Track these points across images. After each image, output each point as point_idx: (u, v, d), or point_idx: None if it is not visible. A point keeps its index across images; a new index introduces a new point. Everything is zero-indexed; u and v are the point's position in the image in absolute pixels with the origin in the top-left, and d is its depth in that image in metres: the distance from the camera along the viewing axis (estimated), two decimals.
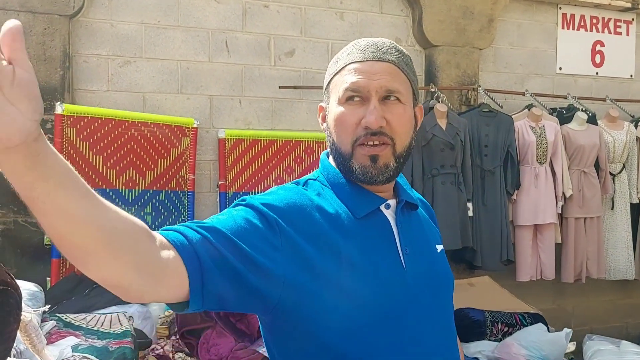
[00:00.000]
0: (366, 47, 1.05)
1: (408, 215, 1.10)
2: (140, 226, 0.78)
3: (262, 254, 0.87)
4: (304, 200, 1.00)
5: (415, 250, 1.05)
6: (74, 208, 0.69)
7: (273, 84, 3.40)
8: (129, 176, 2.99)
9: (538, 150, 3.65)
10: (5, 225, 2.87)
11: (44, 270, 2.81)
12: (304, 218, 0.96)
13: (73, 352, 1.32)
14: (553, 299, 4.11)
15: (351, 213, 1.02)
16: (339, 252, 0.96)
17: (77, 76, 3.03)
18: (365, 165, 1.01)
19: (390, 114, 1.01)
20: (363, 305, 0.94)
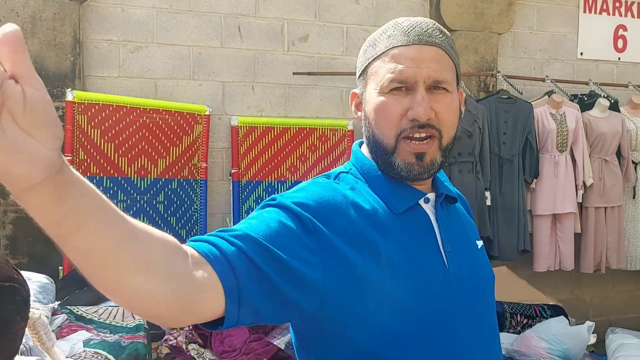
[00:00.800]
0: (410, 28, 0.95)
1: (447, 210, 1.03)
2: (174, 245, 0.71)
3: (298, 260, 0.81)
4: (337, 196, 0.92)
5: (456, 247, 0.98)
6: (107, 241, 0.62)
7: (286, 69, 3.33)
8: (141, 164, 2.95)
9: (558, 138, 3.55)
10: (17, 214, 2.84)
11: (56, 259, 2.78)
12: (340, 216, 0.89)
13: (85, 347, 1.28)
14: (571, 289, 4.04)
15: (389, 209, 0.95)
16: (378, 252, 0.89)
17: (87, 62, 2.98)
18: (409, 163, 0.93)
19: (438, 104, 0.93)
20: (405, 308, 0.88)
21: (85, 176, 2.36)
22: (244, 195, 3.20)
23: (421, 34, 0.95)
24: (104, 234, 0.62)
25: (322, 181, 0.97)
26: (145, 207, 2.96)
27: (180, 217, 3.07)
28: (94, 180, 2.79)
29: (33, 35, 2.82)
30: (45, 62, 2.85)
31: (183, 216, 3.08)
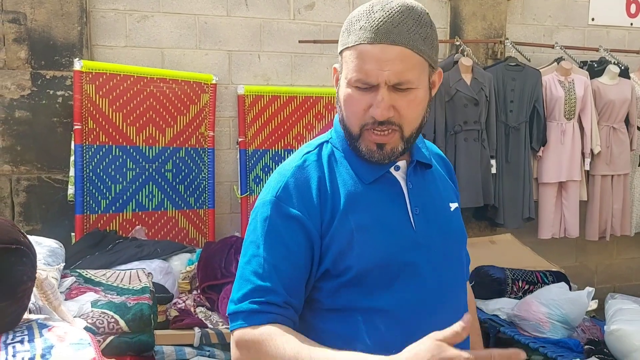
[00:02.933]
0: (380, 23, 0.97)
1: (421, 175, 1.11)
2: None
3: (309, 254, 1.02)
4: (314, 179, 1.04)
5: (426, 209, 1.07)
6: None
7: (292, 38, 3.33)
8: (149, 133, 3.00)
9: (566, 106, 3.53)
10: (30, 182, 2.92)
11: (68, 226, 2.87)
12: (320, 198, 1.02)
13: (92, 307, 1.35)
14: (576, 256, 4.07)
15: (359, 179, 1.05)
16: (350, 219, 1.01)
17: (94, 32, 3.01)
18: (371, 150, 1.02)
19: (400, 102, 0.98)
20: (374, 266, 1.01)
21: (94, 145, 2.45)
22: (251, 164, 3.24)
23: (389, 32, 0.96)
24: None
25: (299, 164, 1.06)
26: (154, 175, 3.02)
27: (189, 185, 3.13)
28: (103, 149, 2.86)
29: (40, 5, 2.85)
30: (53, 31, 2.88)
31: (191, 184, 3.14)
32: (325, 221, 1.01)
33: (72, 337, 0.92)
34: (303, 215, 1.01)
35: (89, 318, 1.29)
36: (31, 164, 2.92)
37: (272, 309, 0.96)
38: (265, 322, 0.96)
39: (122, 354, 1.29)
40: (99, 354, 0.91)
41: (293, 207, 1.01)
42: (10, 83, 2.85)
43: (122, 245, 2.62)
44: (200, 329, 2.31)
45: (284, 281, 0.98)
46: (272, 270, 0.98)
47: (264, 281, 0.97)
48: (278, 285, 0.97)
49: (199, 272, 2.61)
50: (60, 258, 1.52)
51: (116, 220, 2.91)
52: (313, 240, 1.01)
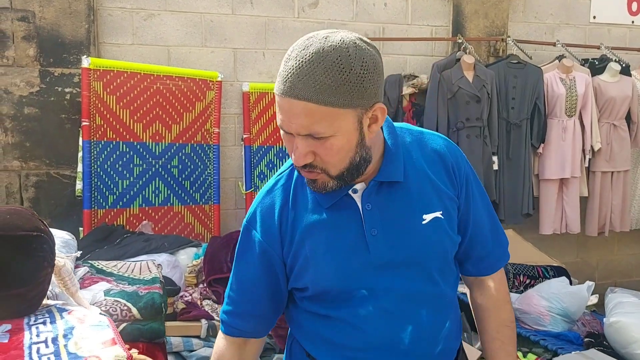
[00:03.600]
0: (289, 74, 0.95)
1: (386, 193, 1.09)
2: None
3: (278, 279, 1.14)
4: (277, 206, 1.12)
5: (387, 229, 1.08)
6: None
7: (297, 36, 3.36)
8: (156, 129, 3.04)
9: (567, 103, 3.57)
10: (39, 177, 2.97)
11: (76, 221, 2.92)
12: (280, 224, 1.11)
13: (105, 296, 1.39)
14: (577, 252, 4.11)
15: (319, 203, 1.10)
16: (306, 244, 1.09)
17: (102, 30, 3.05)
18: (309, 183, 1.07)
19: (318, 149, 0.99)
20: (329, 289, 1.09)
21: (102, 141, 2.51)
22: (256, 160, 3.28)
23: (294, 86, 0.94)
24: None
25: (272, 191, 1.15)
26: (160, 171, 3.06)
27: (194, 181, 3.18)
28: (110, 145, 2.91)
29: (49, 4, 2.89)
30: (61, 29, 2.93)
31: (197, 180, 3.19)
32: (285, 246, 1.11)
33: (91, 320, 0.96)
34: (265, 242, 1.11)
35: (103, 306, 1.33)
36: (40, 160, 2.97)
37: (229, 319, 1.17)
38: (223, 331, 1.18)
39: (134, 341, 1.33)
40: (118, 334, 0.95)
41: (258, 233, 1.12)
42: (19, 80, 2.90)
43: (129, 240, 2.66)
44: (207, 321, 2.36)
45: (246, 297, 1.15)
46: (237, 286, 1.16)
47: (232, 292, 1.17)
48: (240, 300, 1.15)
49: (205, 265, 2.66)
50: (73, 249, 1.56)
51: (123, 215, 2.96)
52: (275, 264, 1.12)
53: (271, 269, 1.12)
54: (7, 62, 2.89)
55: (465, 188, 1.16)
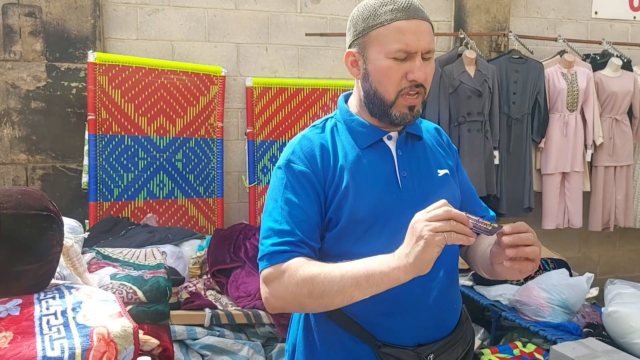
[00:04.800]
0: (408, 4, 1.17)
1: (411, 145, 1.29)
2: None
3: (319, 204, 1.20)
4: (317, 144, 1.22)
5: (413, 173, 1.25)
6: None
7: (299, 31, 3.40)
8: (160, 124, 3.08)
9: (569, 98, 3.59)
10: (45, 171, 3.01)
11: (82, 213, 2.96)
12: (322, 158, 1.21)
13: (111, 280, 1.42)
14: (579, 247, 4.13)
15: (356, 145, 1.23)
16: (347, 176, 1.19)
17: (107, 25, 3.09)
18: (404, 114, 1.20)
19: (426, 69, 1.18)
20: (365, 216, 1.17)
21: (107, 135, 2.57)
22: (259, 154, 3.32)
23: (417, 10, 1.17)
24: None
25: (308, 134, 1.26)
26: (164, 165, 3.10)
27: (198, 175, 3.22)
28: (115, 139, 2.95)
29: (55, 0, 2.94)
30: (67, 24, 2.97)
31: (201, 174, 3.22)
32: (328, 178, 1.19)
33: (99, 295, 1.00)
34: (310, 171, 1.19)
35: (109, 289, 1.37)
36: (46, 153, 3.01)
37: (291, 247, 1.13)
38: (286, 259, 1.12)
39: (140, 322, 1.36)
40: (124, 309, 0.99)
41: (301, 166, 1.19)
42: (26, 74, 2.94)
43: (134, 231, 2.70)
44: (210, 310, 2.39)
45: (299, 225, 1.15)
46: (288, 217, 1.15)
47: (281, 226, 1.15)
48: (294, 228, 1.14)
49: (209, 257, 2.70)
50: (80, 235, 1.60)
51: (128, 208, 3.00)
52: (319, 192, 1.19)
53: (316, 196, 1.18)
54: (14, 56, 2.93)
55: (456, 162, 1.39)
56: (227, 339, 2.37)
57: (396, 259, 1.00)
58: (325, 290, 1.05)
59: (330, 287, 1.05)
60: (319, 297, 1.06)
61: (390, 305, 1.17)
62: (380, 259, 1.03)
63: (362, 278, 1.03)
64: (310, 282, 1.07)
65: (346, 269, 1.05)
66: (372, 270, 1.02)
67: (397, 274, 1.00)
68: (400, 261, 0.99)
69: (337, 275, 1.05)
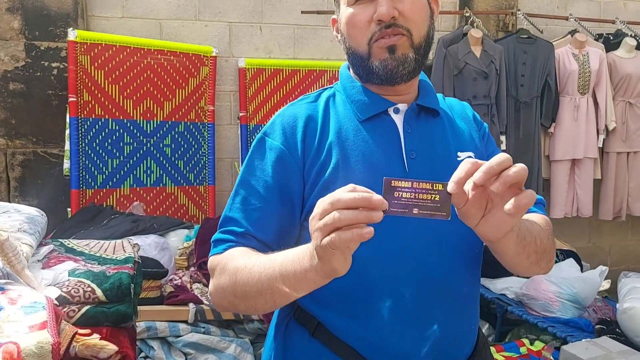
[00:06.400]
0: None
1: (424, 121, 1.05)
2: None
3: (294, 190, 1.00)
4: (301, 115, 1.02)
5: (424, 155, 1.01)
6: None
7: (295, 9, 3.21)
8: (147, 107, 2.91)
9: (580, 80, 3.39)
10: (25, 156, 2.86)
11: (65, 201, 2.81)
12: (305, 133, 1.01)
13: (69, 276, 1.27)
14: (589, 237, 3.95)
15: (355, 116, 1.03)
16: (337, 152, 0.99)
17: (90, 2, 2.92)
18: (384, 59, 0.98)
19: (401, 3, 0.97)
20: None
21: (90, 118, 2.36)
22: (253, 140, 3.15)
23: None
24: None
25: (295, 105, 1.06)
26: (152, 151, 2.94)
27: (188, 161, 3.05)
28: (99, 123, 2.78)
29: None
30: (47, 1, 2.80)
31: (191, 160, 3.06)
32: (311, 156, 0.99)
33: (25, 300, 0.84)
34: (284, 148, 0.99)
35: (64, 287, 1.22)
36: (26, 138, 2.85)
37: (233, 237, 0.98)
38: (224, 249, 0.97)
39: (98, 324, 1.21)
40: (52, 318, 0.82)
41: (276, 141, 1.00)
42: (3, 54, 2.78)
43: (117, 220, 2.55)
44: (195, 305, 2.24)
45: (250, 214, 0.99)
46: (240, 203, 1.00)
47: (230, 212, 1.01)
48: (242, 217, 0.99)
49: (197, 248, 2.54)
50: (40, 226, 1.44)
51: (113, 196, 2.85)
52: (292, 174, 0.99)
53: (287, 178, 0.98)
54: None
55: (487, 139, 1.13)
56: (213, 336, 2.22)
57: (309, 257, 0.78)
58: (246, 291, 0.88)
59: (249, 287, 0.87)
60: (243, 298, 0.89)
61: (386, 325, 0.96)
62: (296, 254, 0.81)
63: (277, 279, 0.83)
64: (233, 279, 0.90)
65: (265, 265, 0.86)
66: (286, 269, 0.82)
67: (311, 276, 0.79)
68: (312, 260, 0.78)
69: (255, 273, 0.86)
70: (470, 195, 0.79)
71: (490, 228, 0.83)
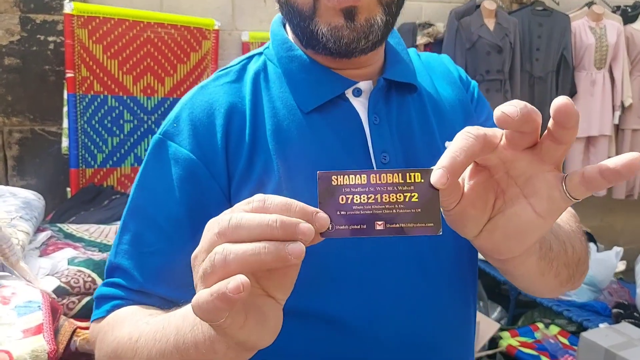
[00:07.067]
0: None
1: (398, 102, 0.74)
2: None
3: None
4: (220, 106, 0.70)
5: (400, 155, 0.71)
6: None
7: None
8: (147, 82, 2.80)
9: (597, 54, 3.27)
10: (23, 134, 2.76)
11: (64, 181, 2.72)
12: (228, 133, 0.69)
13: (68, 265, 1.19)
14: (601, 216, 3.86)
15: (297, 106, 0.71)
16: (276, 167, 0.67)
17: None
18: (336, 27, 0.66)
19: None
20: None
21: (88, 94, 2.23)
22: None
23: None
24: None
25: (207, 89, 0.74)
26: (153, 128, 2.84)
27: None
28: (97, 99, 2.67)
29: None
30: None
31: None
32: (238, 170, 0.68)
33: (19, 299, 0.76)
34: (197, 157, 0.68)
35: (63, 277, 1.14)
36: (23, 115, 2.75)
37: (120, 293, 0.68)
38: (108, 311, 0.69)
39: None
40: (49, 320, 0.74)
41: (183, 145, 0.68)
42: None
43: (119, 201, 2.46)
44: None
45: (146, 260, 0.67)
46: (131, 244, 0.69)
47: (117, 258, 0.70)
48: (134, 267, 0.68)
49: None
50: (37, 210, 1.36)
51: (114, 175, 2.75)
52: (212, 195, 0.67)
53: (202, 210, 0.66)
54: None
55: (477, 103, 0.83)
56: None
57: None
58: None
59: None
60: None
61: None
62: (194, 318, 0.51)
63: (172, 356, 0.52)
64: (113, 353, 0.62)
65: (156, 334, 0.55)
66: (185, 340, 0.50)
67: (221, 349, 0.47)
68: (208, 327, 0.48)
69: (143, 349, 0.56)
70: (468, 185, 0.50)
71: (503, 238, 0.51)
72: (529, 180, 0.49)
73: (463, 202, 0.49)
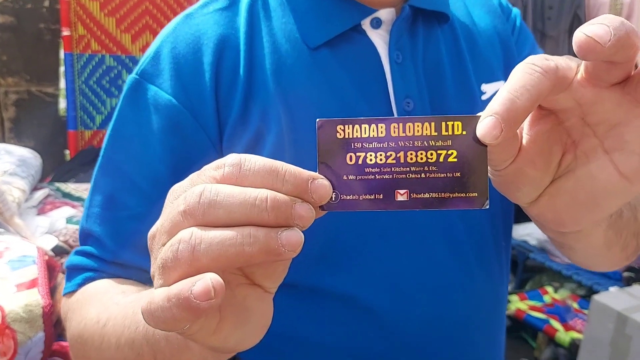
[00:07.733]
0: None
1: (425, 36, 0.61)
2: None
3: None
4: (209, 39, 0.58)
5: (427, 102, 0.59)
6: None
7: None
8: (146, 41, 2.71)
9: (611, 12, 3.16)
10: (19, 95, 2.68)
11: (63, 143, 2.66)
12: (218, 72, 0.57)
13: (67, 223, 1.14)
14: None
15: (302, 41, 0.58)
16: (279, 110, 0.56)
17: None
18: None
19: None
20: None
21: (86, 54, 2.11)
22: None
23: None
24: None
25: (194, 19, 0.60)
26: None
27: None
28: (95, 59, 2.59)
29: None
30: None
31: None
32: (232, 117, 0.56)
33: (13, 253, 0.71)
34: (180, 103, 0.56)
35: (61, 235, 1.09)
36: (19, 76, 2.67)
37: (92, 264, 0.59)
38: (80, 284, 0.59)
39: None
40: (44, 274, 0.69)
41: (163, 89, 0.57)
42: None
43: None
44: None
45: (122, 225, 0.57)
46: (104, 207, 0.58)
47: (88, 223, 0.59)
48: (105, 232, 0.58)
49: None
50: (33, 169, 1.31)
51: None
52: (200, 148, 0.56)
53: (188, 166, 0.50)
54: None
55: (519, 34, 0.70)
56: None
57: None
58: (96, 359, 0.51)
59: (100, 355, 0.50)
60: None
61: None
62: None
63: (142, 349, 0.44)
64: (79, 338, 0.54)
65: (125, 320, 0.46)
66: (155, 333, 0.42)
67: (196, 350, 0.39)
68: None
69: (111, 335, 0.48)
70: (527, 137, 0.36)
71: (570, 206, 0.37)
72: (615, 129, 0.35)
73: (519, 160, 0.35)
